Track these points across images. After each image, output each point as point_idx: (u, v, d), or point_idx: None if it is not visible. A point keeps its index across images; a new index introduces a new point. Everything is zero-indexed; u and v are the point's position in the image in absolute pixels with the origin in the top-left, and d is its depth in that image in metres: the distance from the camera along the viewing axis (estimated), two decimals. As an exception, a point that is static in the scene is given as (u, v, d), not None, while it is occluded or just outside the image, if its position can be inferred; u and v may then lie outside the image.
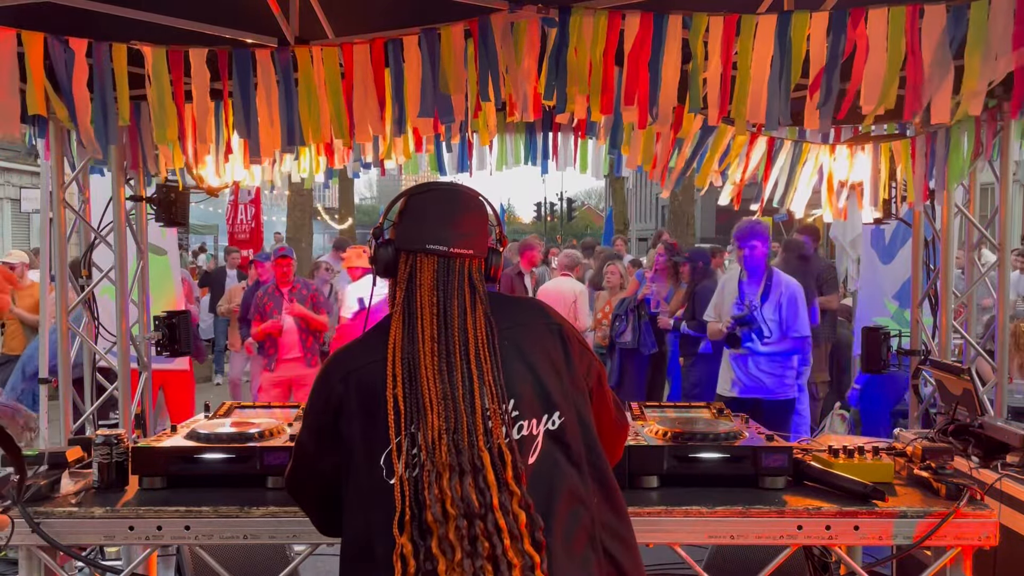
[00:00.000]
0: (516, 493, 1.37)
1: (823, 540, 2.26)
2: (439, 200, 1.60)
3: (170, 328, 4.05)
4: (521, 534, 1.34)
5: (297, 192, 13.41)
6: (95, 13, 2.97)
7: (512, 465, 1.39)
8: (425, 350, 1.45)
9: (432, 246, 1.53)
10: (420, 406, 1.41)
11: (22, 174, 20.25)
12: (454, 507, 1.35)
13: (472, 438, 1.39)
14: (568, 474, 1.47)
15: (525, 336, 1.54)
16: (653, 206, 38.48)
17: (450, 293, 1.51)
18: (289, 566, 2.56)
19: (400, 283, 1.54)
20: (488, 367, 1.45)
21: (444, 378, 1.43)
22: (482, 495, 1.36)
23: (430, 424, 1.39)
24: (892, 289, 4.99)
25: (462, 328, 1.47)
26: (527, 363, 1.50)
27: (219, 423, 2.62)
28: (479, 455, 1.38)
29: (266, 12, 3.02)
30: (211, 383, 10.49)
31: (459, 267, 1.53)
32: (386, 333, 1.50)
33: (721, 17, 2.71)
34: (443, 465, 1.37)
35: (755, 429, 2.63)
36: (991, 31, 2.50)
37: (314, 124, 3.01)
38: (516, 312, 1.59)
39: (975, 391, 2.92)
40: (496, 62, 2.83)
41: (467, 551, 1.33)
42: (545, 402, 1.50)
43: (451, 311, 1.49)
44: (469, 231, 1.58)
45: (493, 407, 1.42)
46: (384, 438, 1.41)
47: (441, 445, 1.38)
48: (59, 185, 3.74)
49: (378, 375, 1.45)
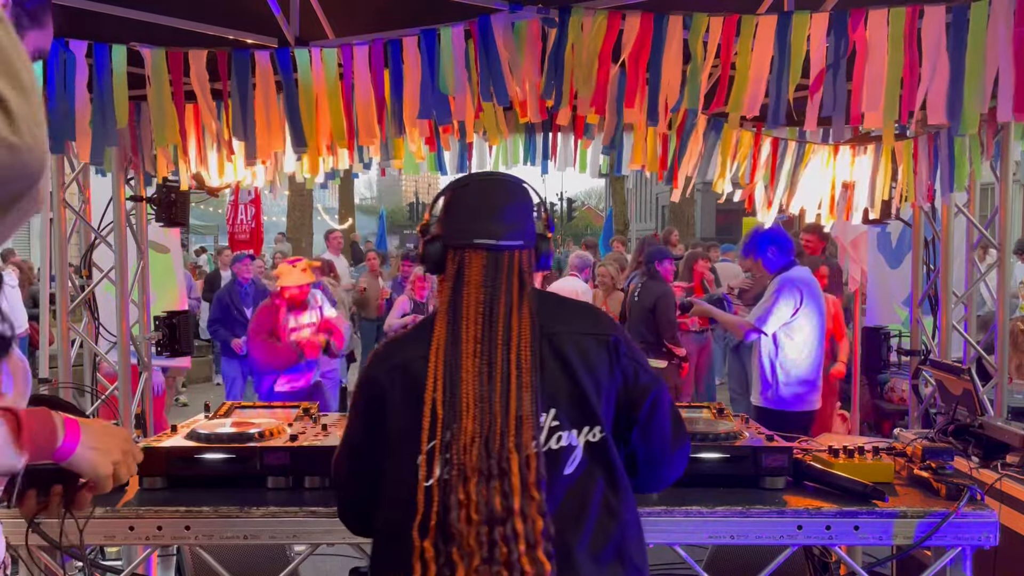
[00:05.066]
0: (536, 498, 1.36)
1: (823, 540, 2.26)
2: (483, 192, 1.58)
3: (170, 328, 4.06)
4: (536, 541, 1.34)
5: (297, 192, 13.43)
6: (95, 13, 2.97)
7: (535, 470, 1.37)
8: (467, 351, 1.44)
9: (480, 240, 1.51)
10: (457, 411, 1.40)
11: (22, 174, 20.19)
12: (477, 513, 1.34)
13: (504, 440, 1.38)
14: (603, 487, 1.47)
15: (572, 343, 1.50)
16: (653, 206, 38.48)
17: (497, 289, 1.48)
18: (289, 566, 2.56)
19: (447, 280, 1.52)
20: (527, 367, 1.43)
21: (483, 379, 1.42)
22: (506, 499, 1.35)
23: (464, 428, 1.39)
24: (901, 294, 4.90)
25: (507, 327, 1.45)
26: (570, 372, 1.48)
27: (219, 423, 2.62)
28: (507, 458, 1.37)
29: (266, 13, 3.02)
30: (211, 383, 10.49)
31: (508, 260, 1.51)
32: (429, 330, 1.48)
33: (721, 18, 2.71)
34: (472, 469, 1.37)
35: (755, 429, 2.63)
36: (991, 32, 2.50)
37: (313, 125, 3.01)
38: (566, 317, 1.55)
39: (975, 391, 2.93)
40: (498, 62, 2.83)
41: (484, 557, 1.33)
42: (587, 414, 1.47)
43: (497, 309, 1.47)
44: (516, 221, 1.55)
45: (526, 410, 1.40)
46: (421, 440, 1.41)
47: (473, 449, 1.38)
48: (59, 185, 3.74)
49: (421, 372, 1.44)
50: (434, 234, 1.58)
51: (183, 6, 3.09)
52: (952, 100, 2.55)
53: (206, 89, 3.04)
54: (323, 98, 3.00)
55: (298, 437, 2.42)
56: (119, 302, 3.83)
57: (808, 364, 4.22)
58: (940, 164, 3.48)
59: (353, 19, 3.23)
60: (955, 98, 2.55)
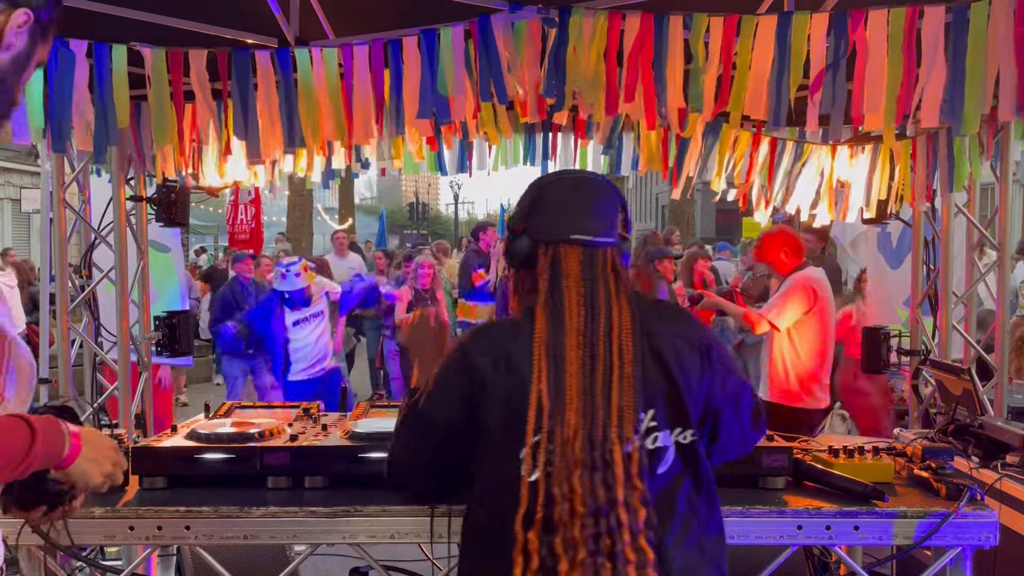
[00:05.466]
0: (639, 488, 1.38)
1: (823, 540, 2.26)
2: (576, 189, 1.59)
3: (170, 328, 4.05)
4: (639, 530, 1.36)
5: (297, 192, 13.43)
6: (95, 13, 2.97)
7: (638, 461, 1.39)
8: (571, 343, 1.44)
9: (576, 236, 1.52)
10: (562, 402, 1.41)
11: (22, 174, 20.25)
12: (582, 504, 1.36)
13: (606, 432, 1.40)
14: (689, 488, 1.49)
15: (669, 344, 1.52)
16: (653, 206, 38.50)
17: (596, 283, 1.49)
18: (289, 566, 2.56)
19: (543, 273, 1.53)
20: (628, 359, 1.44)
21: (586, 371, 1.43)
22: (609, 491, 1.37)
23: (567, 421, 1.40)
24: (903, 295, 4.89)
25: (608, 319, 1.46)
26: (667, 372, 1.50)
27: (219, 423, 2.62)
28: (610, 450, 1.39)
29: (266, 13, 3.02)
30: (211, 383, 10.49)
31: (602, 256, 1.53)
32: (528, 322, 1.49)
33: (721, 18, 2.71)
34: (575, 462, 1.38)
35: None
36: (991, 32, 2.50)
37: (313, 125, 3.01)
38: (662, 318, 1.57)
39: (975, 391, 2.93)
40: (498, 62, 2.83)
41: (591, 550, 1.34)
42: (680, 415, 1.50)
43: (597, 302, 1.48)
44: (609, 219, 1.56)
45: (628, 401, 1.42)
46: (525, 432, 1.42)
47: (576, 442, 1.39)
48: (59, 185, 3.74)
49: (524, 364, 1.45)
50: (522, 229, 1.58)
51: (183, 6, 3.09)
52: (952, 100, 2.55)
53: (206, 89, 3.04)
54: (323, 98, 2.99)
55: (298, 437, 2.42)
56: (119, 302, 3.83)
57: (817, 362, 4.28)
58: (939, 164, 3.48)
59: (353, 19, 3.23)
60: (955, 98, 2.55)
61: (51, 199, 3.75)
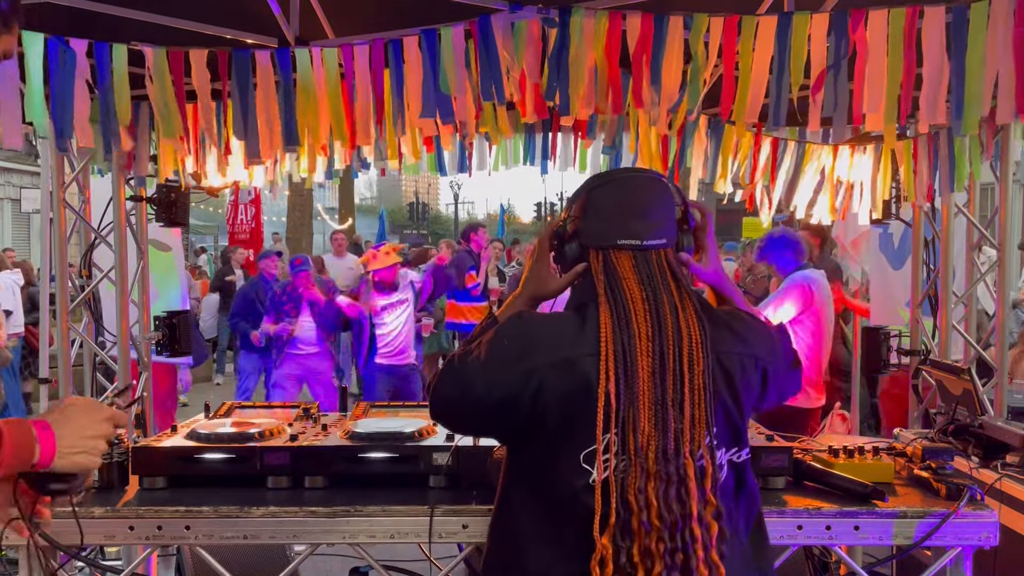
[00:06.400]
0: (712, 503, 1.37)
1: (823, 540, 2.26)
2: (624, 191, 1.55)
3: (170, 328, 4.05)
4: (711, 545, 1.35)
5: (297, 192, 13.42)
6: (95, 13, 2.97)
7: (712, 476, 1.38)
8: (641, 348, 1.39)
9: (623, 241, 1.49)
10: (635, 407, 1.37)
11: (22, 174, 20.26)
12: (659, 518, 1.34)
13: (678, 444, 1.37)
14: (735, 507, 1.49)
15: (737, 366, 1.48)
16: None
17: (656, 287, 1.45)
18: (289, 566, 2.56)
19: (599, 275, 1.48)
20: (700, 369, 1.40)
21: (656, 380, 1.39)
22: (682, 505, 1.35)
23: (641, 428, 1.37)
24: (905, 296, 4.89)
25: (676, 327, 1.41)
26: (731, 392, 1.47)
27: (219, 423, 2.62)
28: (683, 464, 1.36)
29: (266, 12, 3.02)
30: (211, 383, 10.49)
31: (656, 259, 1.49)
32: (588, 320, 1.44)
33: (721, 18, 2.71)
34: (650, 472, 1.35)
35: (755, 429, 2.63)
36: (991, 32, 2.50)
37: (313, 125, 3.01)
38: (733, 335, 1.51)
39: (975, 391, 2.93)
40: (498, 63, 2.83)
41: (667, 564, 1.33)
42: (736, 435, 1.50)
43: (662, 308, 1.43)
44: (659, 219, 1.52)
45: (699, 415, 1.39)
46: (589, 436, 1.38)
47: (649, 451, 1.36)
48: (59, 185, 3.74)
49: (592, 369, 1.40)
50: (572, 233, 1.55)
51: (183, 6, 3.08)
52: (952, 101, 2.55)
53: (207, 89, 3.04)
54: (324, 98, 2.99)
55: (298, 437, 2.42)
56: (119, 302, 3.83)
57: (812, 362, 4.31)
58: (940, 164, 3.48)
59: (353, 19, 3.23)
60: (955, 99, 2.55)
61: (51, 199, 3.75)
